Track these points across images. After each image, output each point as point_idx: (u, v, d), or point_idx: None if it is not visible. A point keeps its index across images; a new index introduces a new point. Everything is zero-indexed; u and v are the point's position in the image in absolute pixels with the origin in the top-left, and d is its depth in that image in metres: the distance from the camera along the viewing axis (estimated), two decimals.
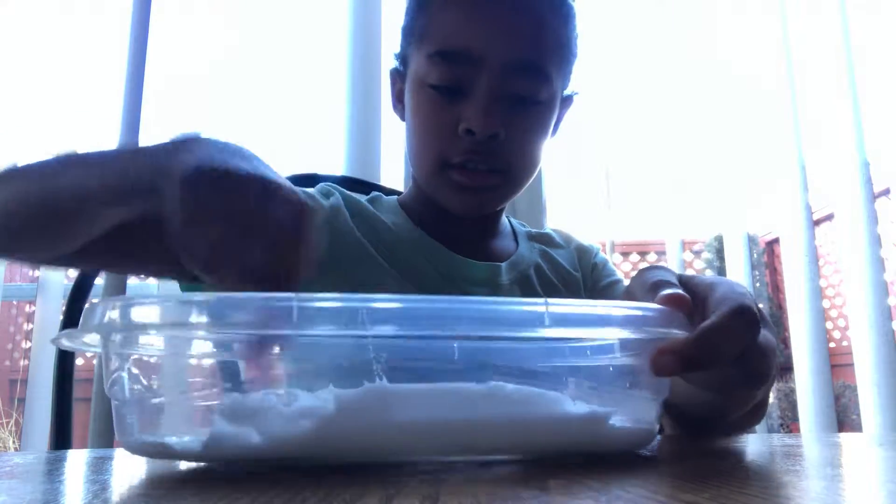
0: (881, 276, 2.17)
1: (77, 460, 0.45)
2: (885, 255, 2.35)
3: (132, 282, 1.77)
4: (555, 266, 0.84)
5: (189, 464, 0.37)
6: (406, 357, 0.34)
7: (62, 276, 1.83)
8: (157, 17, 1.67)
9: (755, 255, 3.73)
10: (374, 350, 0.32)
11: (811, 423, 2.25)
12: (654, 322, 0.36)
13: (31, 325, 3.66)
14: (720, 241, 3.70)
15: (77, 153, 0.53)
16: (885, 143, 2.35)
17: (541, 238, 0.88)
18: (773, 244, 3.98)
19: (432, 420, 0.32)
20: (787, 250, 2.43)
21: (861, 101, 2.27)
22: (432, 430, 0.32)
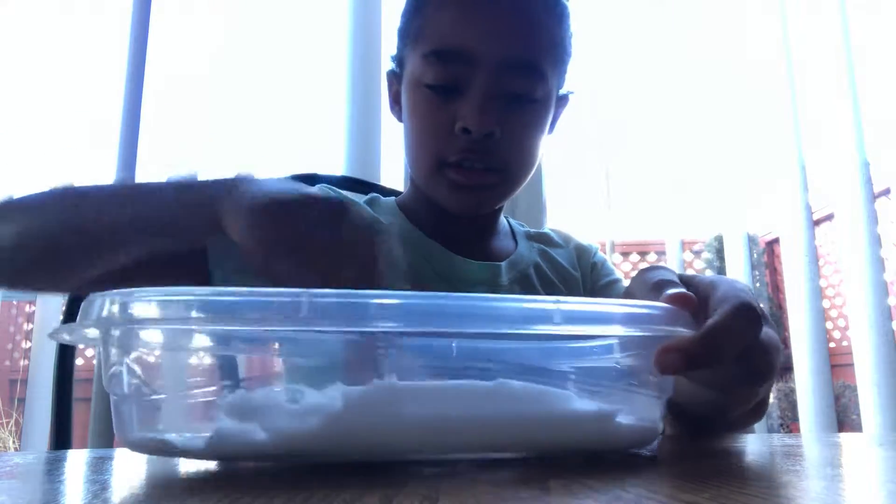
0: (881, 276, 2.17)
1: (77, 460, 0.45)
2: (885, 255, 2.35)
3: None
4: (554, 265, 0.84)
5: (189, 464, 0.37)
6: (415, 354, 0.33)
7: None
8: (157, 17, 1.67)
9: (755, 255, 3.73)
10: (382, 346, 0.32)
11: (811, 423, 2.25)
12: (660, 320, 0.36)
13: (31, 325, 3.67)
14: (720, 241, 3.70)
15: (74, 187, 0.56)
16: (885, 143, 2.35)
17: (540, 238, 0.88)
18: (773, 244, 3.98)
19: (440, 417, 0.32)
20: (787, 250, 2.43)
21: (861, 101, 2.27)
22: (440, 428, 0.32)
